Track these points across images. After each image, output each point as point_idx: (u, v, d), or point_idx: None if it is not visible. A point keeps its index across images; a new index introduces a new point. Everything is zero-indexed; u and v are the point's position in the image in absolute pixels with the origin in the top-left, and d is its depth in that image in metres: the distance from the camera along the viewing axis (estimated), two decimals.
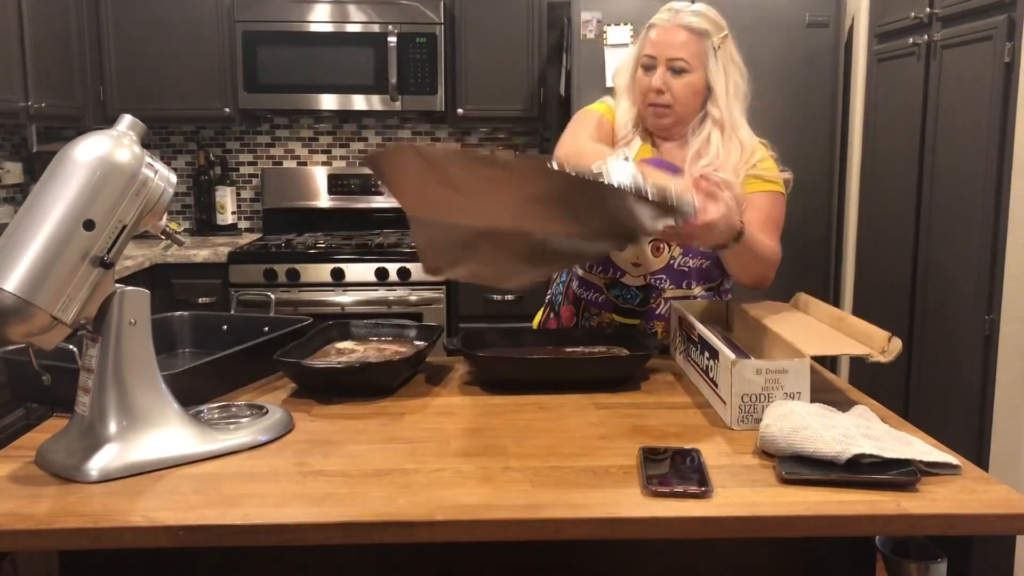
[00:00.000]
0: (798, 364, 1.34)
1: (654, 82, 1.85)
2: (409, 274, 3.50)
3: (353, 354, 1.70)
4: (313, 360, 1.62)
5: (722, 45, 1.87)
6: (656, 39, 1.86)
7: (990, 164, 2.49)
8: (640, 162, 1.81)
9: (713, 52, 1.86)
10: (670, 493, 1.11)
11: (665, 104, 1.86)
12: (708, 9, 1.90)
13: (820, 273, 3.54)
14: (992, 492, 1.11)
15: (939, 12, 2.77)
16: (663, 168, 1.86)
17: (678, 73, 1.84)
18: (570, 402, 1.49)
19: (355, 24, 3.68)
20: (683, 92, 1.85)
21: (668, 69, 1.84)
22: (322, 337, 1.75)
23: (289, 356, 1.57)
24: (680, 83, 1.84)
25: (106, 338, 1.21)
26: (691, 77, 1.85)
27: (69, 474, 1.17)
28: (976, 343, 2.56)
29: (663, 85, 1.84)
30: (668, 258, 1.88)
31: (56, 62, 3.37)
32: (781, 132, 3.46)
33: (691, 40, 1.84)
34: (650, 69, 1.86)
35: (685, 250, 1.87)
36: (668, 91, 1.85)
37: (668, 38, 1.85)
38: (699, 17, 1.86)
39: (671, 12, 1.88)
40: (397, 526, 1.06)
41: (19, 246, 1.12)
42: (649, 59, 1.86)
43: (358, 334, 1.81)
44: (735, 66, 1.90)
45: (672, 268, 1.88)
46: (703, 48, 1.85)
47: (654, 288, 1.88)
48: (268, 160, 4.20)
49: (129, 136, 1.23)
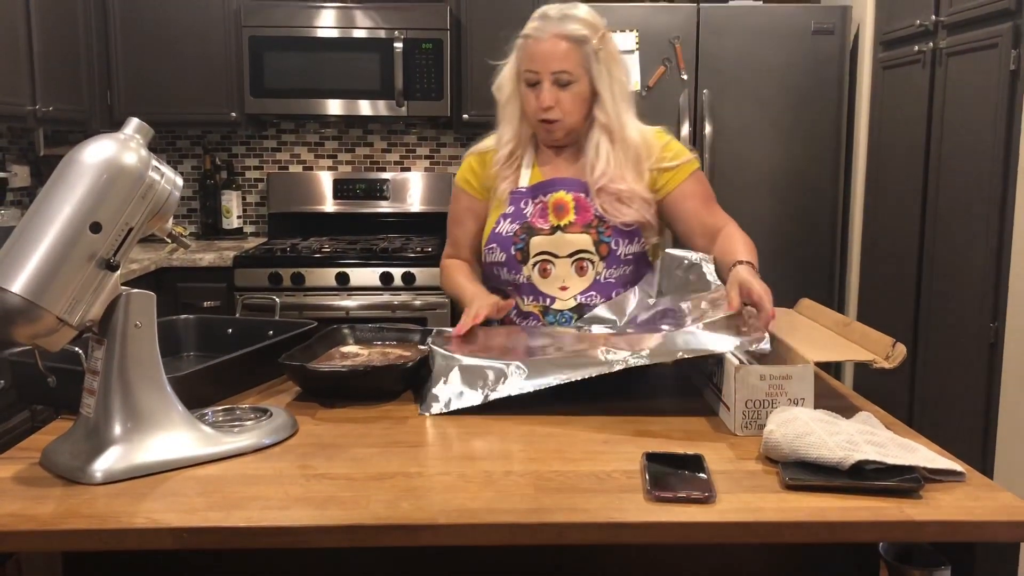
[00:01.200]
0: (802, 370, 1.34)
1: (542, 99, 1.80)
2: (413, 279, 3.50)
3: (358, 358, 1.69)
4: (318, 364, 1.62)
5: (602, 46, 1.81)
6: (535, 52, 1.80)
7: (995, 171, 2.49)
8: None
9: (595, 56, 1.80)
10: (673, 498, 1.10)
11: (555, 119, 1.82)
12: (582, 10, 1.83)
13: (825, 279, 3.54)
14: (996, 499, 1.11)
15: (944, 20, 2.77)
16: (566, 188, 1.88)
17: (564, 86, 1.80)
18: (574, 407, 1.49)
19: (361, 30, 3.69)
20: (572, 104, 1.81)
21: (553, 83, 1.79)
22: (326, 341, 1.74)
23: (293, 360, 1.57)
24: (568, 95, 1.80)
25: (112, 340, 1.21)
26: (578, 87, 1.80)
27: (74, 476, 1.17)
28: (981, 350, 2.56)
29: (551, 100, 1.80)
30: (593, 275, 1.86)
31: (64, 66, 3.39)
32: (786, 139, 3.49)
33: (571, 49, 1.78)
34: (534, 84, 1.81)
35: (608, 263, 1.86)
36: (557, 105, 1.80)
37: (548, 50, 1.78)
38: (576, 23, 1.79)
39: (545, 20, 1.81)
40: (400, 529, 1.06)
41: (26, 248, 1.13)
42: (532, 74, 1.81)
43: (362, 338, 1.81)
44: (616, 64, 1.84)
45: (599, 283, 1.86)
46: (584, 54, 1.79)
47: (586, 307, 1.87)
48: (274, 165, 4.21)
49: (136, 139, 1.23)
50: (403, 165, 4.23)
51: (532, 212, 1.89)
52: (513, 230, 1.89)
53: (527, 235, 1.88)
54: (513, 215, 1.91)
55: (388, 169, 4.22)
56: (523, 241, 1.88)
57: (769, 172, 3.50)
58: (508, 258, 1.89)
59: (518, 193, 1.92)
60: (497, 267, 1.93)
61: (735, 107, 3.45)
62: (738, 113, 3.46)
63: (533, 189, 1.90)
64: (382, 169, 4.22)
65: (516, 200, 1.91)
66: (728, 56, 3.43)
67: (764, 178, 3.50)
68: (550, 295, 1.86)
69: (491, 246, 1.92)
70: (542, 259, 1.87)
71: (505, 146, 1.93)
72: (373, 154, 4.23)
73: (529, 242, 1.87)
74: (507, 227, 1.90)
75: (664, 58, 3.42)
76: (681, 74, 3.42)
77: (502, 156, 1.94)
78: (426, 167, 4.23)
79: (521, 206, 1.90)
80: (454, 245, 2.06)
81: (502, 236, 1.90)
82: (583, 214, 1.86)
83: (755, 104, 3.46)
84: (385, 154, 4.23)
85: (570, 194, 1.88)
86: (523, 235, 1.88)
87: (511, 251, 1.88)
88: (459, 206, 2.03)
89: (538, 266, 1.87)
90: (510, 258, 1.89)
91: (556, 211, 1.88)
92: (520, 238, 1.88)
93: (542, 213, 1.88)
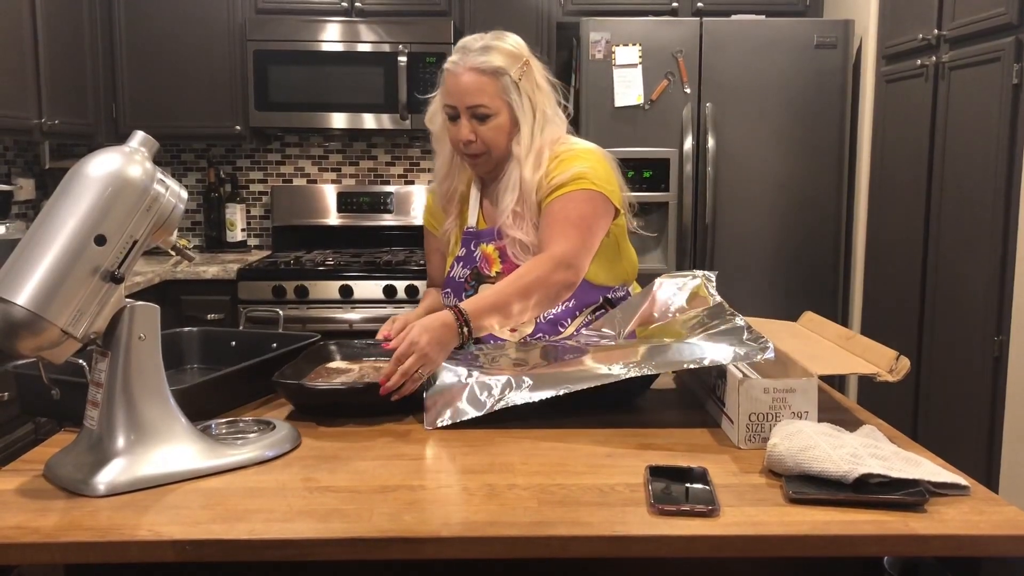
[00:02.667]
0: (806, 383, 1.34)
1: (461, 133, 1.78)
2: (417, 291, 3.50)
3: (348, 374, 1.66)
4: (310, 381, 1.58)
5: (523, 75, 1.77)
6: (452, 87, 1.77)
7: (998, 185, 2.49)
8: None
9: (515, 87, 1.76)
10: (677, 511, 1.10)
11: (478, 153, 1.80)
12: (503, 40, 1.80)
13: (828, 292, 3.54)
14: (1001, 513, 1.11)
15: (947, 34, 2.78)
16: (486, 239, 1.86)
17: (483, 120, 1.77)
18: (576, 420, 1.49)
19: (366, 44, 3.71)
20: (493, 136, 1.78)
21: (471, 117, 1.77)
22: (313, 358, 1.70)
23: (284, 378, 1.53)
24: (487, 128, 1.77)
25: (115, 352, 1.22)
26: (497, 120, 1.77)
27: (77, 488, 1.17)
28: (985, 364, 2.55)
29: (470, 135, 1.77)
30: (534, 317, 1.82)
31: (69, 80, 3.40)
32: (789, 153, 3.50)
33: (487, 82, 1.75)
34: (455, 118, 1.79)
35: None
36: (478, 139, 1.78)
37: (463, 84, 1.75)
38: (491, 54, 1.76)
39: (463, 53, 1.78)
40: (403, 542, 1.06)
41: (30, 260, 1.13)
42: (451, 108, 1.79)
43: (349, 354, 1.77)
44: (541, 92, 1.81)
45: (543, 323, 1.84)
46: (501, 86, 1.76)
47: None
48: (278, 178, 4.23)
49: (141, 152, 1.24)
50: (407, 178, 4.24)
51: (480, 256, 1.89)
52: (464, 275, 1.90)
53: (476, 281, 1.88)
54: (465, 259, 1.91)
55: (392, 182, 4.23)
56: (473, 288, 1.88)
57: (772, 185, 3.50)
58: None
59: (468, 234, 1.92)
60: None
61: (738, 121, 3.46)
62: (741, 127, 3.46)
63: (478, 234, 1.90)
64: (386, 182, 4.23)
65: (467, 241, 1.92)
66: (731, 70, 3.44)
67: (767, 191, 3.50)
68: (500, 337, 1.83)
69: (446, 291, 1.95)
70: None
71: (442, 182, 1.93)
72: (377, 167, 4.24)
73: (478, 289, 1.87)
74: (459, 271, 1.92)
75: (667, 72, 3.43)
76: (684, 88, 3.43)
77: (440, 193, 1.95)
78: (429, 180, 4.23)
79: (471, 248, 1.91)
80: (429, 277, 2.11)
81: (455, 281, 1.92)
82: (508, 263, 1.84)
83: (758, 118, 3.47)
84: (389, 167, 4.24)
85: (491, 245, 1.87)
86: (473, 281, 1.89)
87: (462, 297, 1.88)
88: (428, 244, 2.08)
89: None
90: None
91: (487, 262, 1.87)
92: (471, 284, 1.89)
93: (486, 257, 1.88)
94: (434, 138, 1.91)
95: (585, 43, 3.42)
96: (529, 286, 1.66)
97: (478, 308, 1.61)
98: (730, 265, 3.48)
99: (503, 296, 1.64)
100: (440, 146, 1.90)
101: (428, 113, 1.90)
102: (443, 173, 1.92)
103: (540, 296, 1.68)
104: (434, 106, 1.88)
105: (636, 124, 3.40)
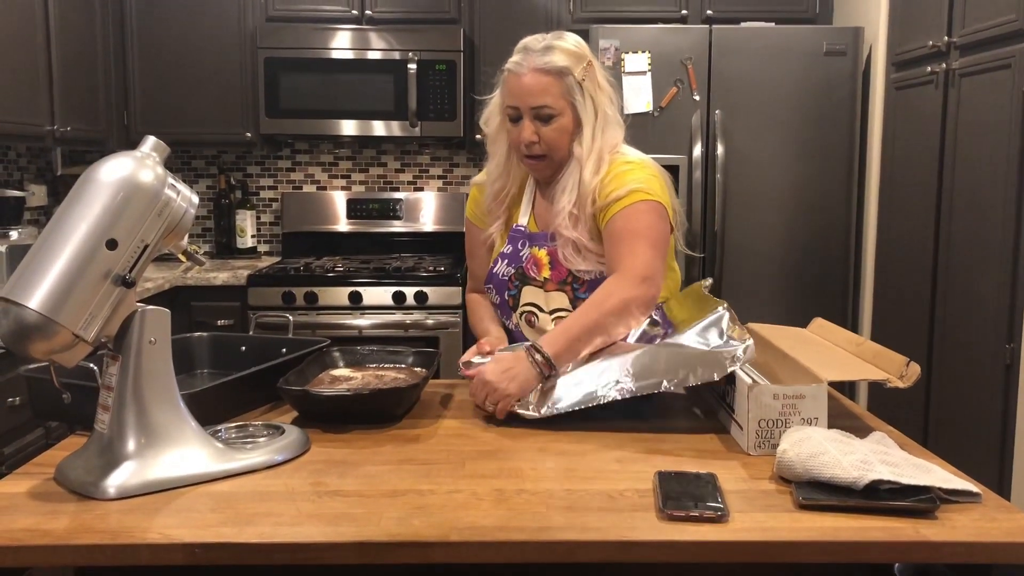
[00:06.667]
0: (816, 389, 1.34)
1: (524, 134, 1.74)
2: (426, 298, 3.51)
3: (352, 381, 1.66)
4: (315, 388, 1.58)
5: (586, 76, 1.74)
6: (515, 88, 1.74)
7: (1009, 192, 2.48)
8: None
9: (578, 87, 1.73)
10: (686, 517, 1.10)
11: (539, 155, 1.77)
12: (564, 40, 1.77)
13: (838, 299, 3.52)
14: (1013, 520, 1.10)
15: (957, 41, 2.77)
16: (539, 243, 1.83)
17: (546, 121, 1.73)
18: (585, 425, 1.48)
19: (376, 51, 3.72)
20: (556, 138, 1.75)
21: (535, 118, 1.73)
22: (316, 365, 1.70)
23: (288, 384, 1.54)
24: (550, 130, 1.74)
25: (126, 356, 1.22)
26: (561, 121, 1.74)
27: (87, 491, 1.18)
28: (996, 371, 2.54)
29: (533, 136, 1.74)
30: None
31: (81, 87, 3.43)
32: (799, 160, 3.49)
33: (551, 83, 1.71)
34: (517, 120, 1.76)
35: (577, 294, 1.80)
36: (540, 140, 1.75)
37: (528, 85, 1.71)
38: (554, 54, 1.72)
39: (525, 53, 1.75)
40: (412, 546, 1.06)
41: (43, 264, 1.14)
42: (513, 110, 1.75)
43: (352, 361, 1.77)
44: (603, 93, 1.78)
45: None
46: (566, 87, 1.72)
47: None
48: (288, 184, 4.24)
49: (152, 157, 1.25)
50: (416, 185, 4.25)
51: (527, 257, 1.86)
52: (509, 274, 1.87)
53: (520, 282, 1.86)
54: (510, 257, 1.88)
55: (401, 189, 4.24)
56: (516, 288, 1.86)
57: (782, 192, 3.50)
58: (502, 302, 1.89)
59: (516, 232, 1.89)
60: (494, 306, 1.93)
61: (748, 128, 3.46)
62: (751, 134, 3.46)
63: (531, 236, 1.87)
64: (395, 189, 4.24)
65: (515, 240, 1.89)
66: (740, 77, 3.43)
67: (777, 198, 3.50)
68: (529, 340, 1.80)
69: (488, 286, 1.92)
70: (528, 310, 1.85)
71: (494, 183, 1.89)
72: (386, 174, 4.25)
73: (521, 291, 1.85)
74: (503, 268, 1.88)
75: (676, 79, 3.43)
76: (693, 95, 3.43)
77: (490, 193, 1.91)
78: (439, 187, 4.25)
79: (518, 247, 1.88)
80: (473, 278, 2.04)
81: (499, 278, 1.89)
82: (558, 269, 1.81)
83: (768, 125, 3.46)
84: (398, 174, 4.25)
85: (543, 249, 1.84)
86: (517, 282, 1.86)
87: (504, 296, 1.87)
88: (471, 239, 2.02)
89: (524, 316, 1.86)
90: (503, 302, 1.89)
91: (536, 267, 1.84)
92: (514, 284, 1.86)
93: (535, 260, 1.85)
94: (488, 140, 1.89)
95: (594, 50, 3.43)
96: (611, 311, 1.61)
97: (558, 351, 1.57)
98: (740, 272, 3.48)
99: (586, 330, 1.60)
100: (495, 148, 1.87)
101: (484, 115, 1.88)
102: (496, 174, 1.89)
103: (623, 319, 1.63)
104: (491, 108, 1.85)
105: (645, 131, 3.40)
